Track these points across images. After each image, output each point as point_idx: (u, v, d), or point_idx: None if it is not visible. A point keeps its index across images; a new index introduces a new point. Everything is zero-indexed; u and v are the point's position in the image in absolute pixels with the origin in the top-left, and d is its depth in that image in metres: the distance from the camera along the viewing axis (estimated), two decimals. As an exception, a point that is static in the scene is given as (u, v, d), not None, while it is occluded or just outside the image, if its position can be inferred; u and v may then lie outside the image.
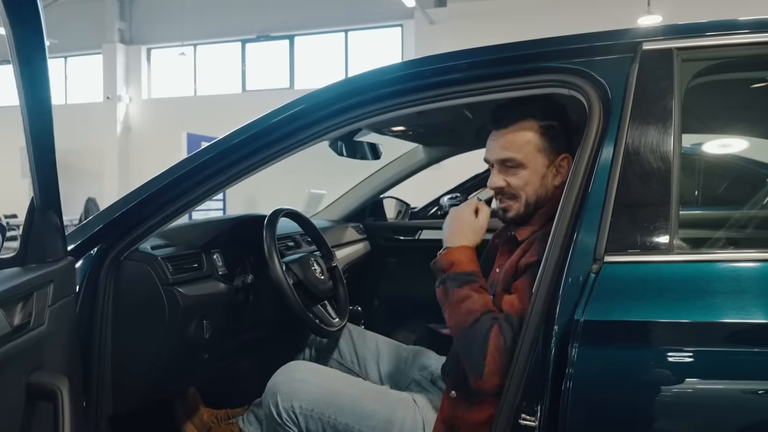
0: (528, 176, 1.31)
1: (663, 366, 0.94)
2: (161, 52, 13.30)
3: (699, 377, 0.95)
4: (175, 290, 1.42)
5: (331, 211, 2.83)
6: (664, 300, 0.97)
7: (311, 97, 1.37)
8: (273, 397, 1.39)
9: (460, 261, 1.27)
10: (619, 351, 0.97)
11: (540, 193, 1.32)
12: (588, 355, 0.96)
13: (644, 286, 0.99)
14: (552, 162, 1.32)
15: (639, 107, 1.10)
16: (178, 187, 1.37)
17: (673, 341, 0.95)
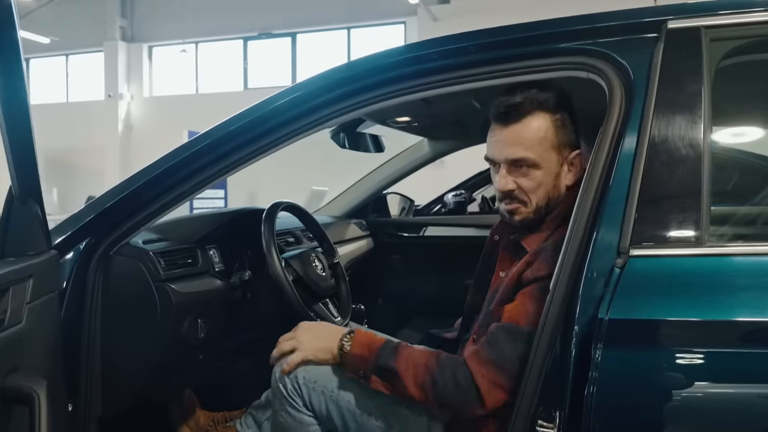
0: (542, 177, 1.19)
1: (696, 368, 0.86)
2: (163, 50, 13.25)
3: (736, 380, 0.87)
4: (167, 287, 1.34)
5: (334, 207, 2.75)
6: (697, 296, 0.89)
7: (311, 82, 1.30)
8: (280, 367, 1.32)
9: (367, 341, 1.20)
10: (649, 352, 0.89)
11: (552, 195, 1.21)
12: (614, 357, 0.88)
13: (675, 282, 0.91)
14: (565, 159, 1.21)
15: (665, 91, 1.02)
16: (171, 178, 1.29)
17: (707, 341, 0.87)
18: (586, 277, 0.95)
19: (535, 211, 1.21)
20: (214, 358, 1.59)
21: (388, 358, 1.16)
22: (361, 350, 1.19)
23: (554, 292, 1.02)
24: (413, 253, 2.78)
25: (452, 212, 4.03)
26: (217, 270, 1.54)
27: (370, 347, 1.18)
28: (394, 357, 1.16)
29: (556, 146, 1.20)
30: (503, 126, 1.22)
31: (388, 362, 1.15)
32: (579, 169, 1.22)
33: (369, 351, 1.18)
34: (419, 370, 1.13)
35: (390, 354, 1.16)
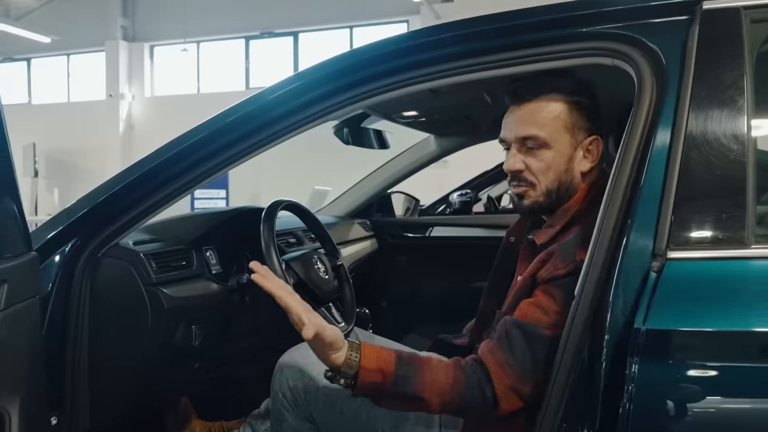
0: (552, 158, 1.11)
1: (750, 385, 0.77)
2: (164, 50, 13.18)
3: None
4: (159, 291, 1.25)
5: (336, 206, 2.67)
6: (748, 303, 0.80)
7: (312, 71, 1.21)
8: (280, 375, 1.26)
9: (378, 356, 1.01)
10: (695, 366, 0.79)
11: (564, 179, 1.13)
12: (653, 371, 0.79)
13: (721, 287, 0.82)
14: (580, 143, 1.14)
15: (702, 79, 0.93)
16: (164, 173, 1.21)
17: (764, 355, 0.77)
18: (617, 282, 0.86)
19: (545, 194, 1.13)
20: (210, 365, 1.50)
21: (406, 385, 1.00)
22: (373, 378, 1.00)
23: (580, 298, 0.93)
24: (419, 254, 2.69)
25: (458, 212, 3.94)
26: (213, 273, 1.46)
27: (384, 375, 1.00)
28: (415, 382, 1.00)
29: (570, 128, 1.13)
30: (518, 105, 1.16)
31: (410, 390, 1.00)
32: (596, 156, 1.14)
33: (382, 378, 1.00)
34: (445, 390, 1.01)
35: (410, 381, 1.00)
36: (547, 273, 1.06)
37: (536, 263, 1.10)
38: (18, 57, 13.84)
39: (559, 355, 0.94)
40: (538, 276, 1.08)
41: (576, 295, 0.94)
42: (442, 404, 1.03)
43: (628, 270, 0.86)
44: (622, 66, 1.04)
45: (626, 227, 0.90)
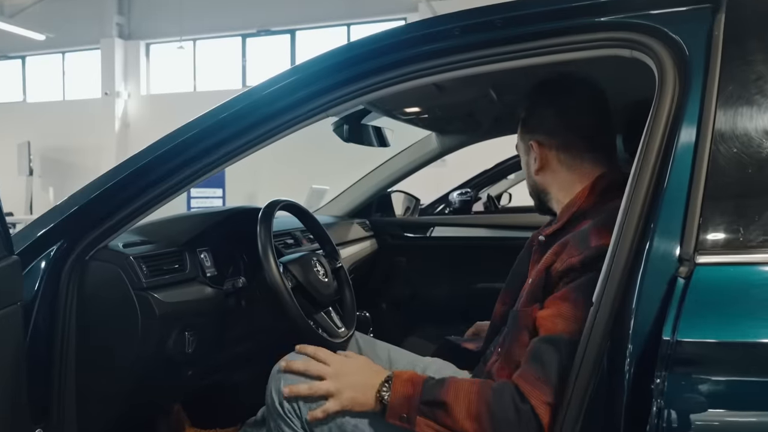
0: (524, 167, 1.29)
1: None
2: (160, 48, 13.09)
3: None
4: (149, 296, 1.19)
5: (335, 206, 2.60)
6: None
7: (310, 65, 1.15)
8: (276, 383, 1.18)
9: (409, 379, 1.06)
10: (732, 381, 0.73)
11: (530, 182, 1.28)
12: (685, 386, 0.73)
13: (757, 294, 0.75)
14: (529, 149, 1.23)
15: (730, 71, 0.86)
16: (157, 170, 1.15)
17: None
18: (640, 288, 0.81)
19: (531, 196, 1.30)
20: (204, 372, 1.44)
21: (434, 391, 1.02)
22: (404, 389, 1.04)
23: (599, 305, 0.87)
24: (420, 254, 2.63)
25: (458, 211, 3.89)
26: (208, 276, 1.39)
27: (414, 384, 1.04)
28: (440, 389, 1.02)
29: (520, 138, 1.27)
30: None
31: (435, 395, 1.02)
32: (540, 156, 1.22)
33: (413, 388, 1.04)
34: (472, 398, 0.99)
35: (436, 387, 1.03)
36: (562, 264, 1.03)
37: (550, 256, 1.08)
38: (12, 55, 13.73)
39: (576, 364, 0.88)
40: (553, 269, 1.06)
41: (594, 301, 0.88)
42: (471, 417, 0.99)
43: (652, 275, 0.80)
44: (641, 58, 0.98)
45: (649, 230, 0.84)
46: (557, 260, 1.05)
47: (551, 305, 1.02)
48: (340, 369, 1.10)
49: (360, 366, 1.13)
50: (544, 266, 1.08)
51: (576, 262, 1.01)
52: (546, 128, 1.21)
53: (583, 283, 0.98)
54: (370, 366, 1.14)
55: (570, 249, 1.04)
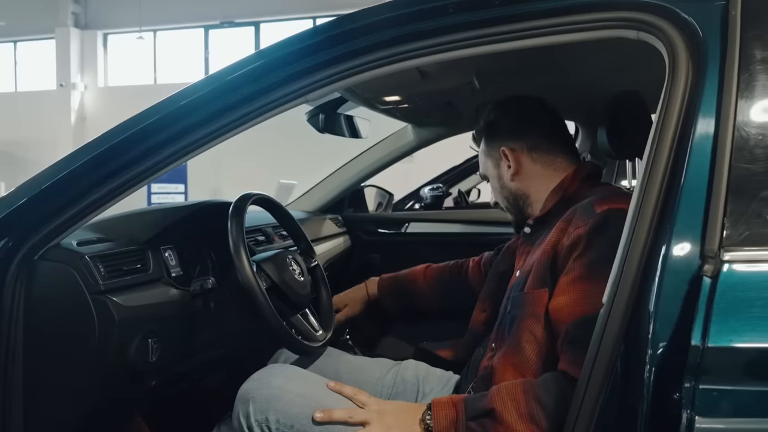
0: (492, 185, 1.30)
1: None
2: (119, 38, 12.72)
3: None
4: (108, 300, 1.07)
5: (306, 201, 2.49)
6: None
7: (277, 48, 1.05)
8: (244, 406, 1.08)
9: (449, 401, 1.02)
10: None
11: (505, 194, 1.27)
12: (722, 397, 0.66)
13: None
14: (499, 160, 1.25)
15: (750, 53, 0.80)
16: (113, 161, 1.03)
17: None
18: (659, 288, 0.74)
19: (508, 211, 1.29)
20: (169, 382, 1.32)
21: (477, 404, 0.98)
22: (447, 412, 1.00)
23: (611, 307, 0.80)
24: (394, 251, 2.54)
25: (429, 207, 3.83)
26: (173, 276, 1.27)
27: (455, 404, 1.01)
28: (483, 399, 0.99)
29: (487, 154, 1.29)
30: None
31: (480, 407, 0.98)
32: (514, 161, 1.23)
33: (455, 408, 1.00)
34: (519, 399, 0.95)
35: (478, 399, 1.00)
36: (569, 237, 1.02)
37: (555, 233, 1.06)
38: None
39: (587, 366, 0.81)
40: (560, 245, 1.03)
41: (606, 302, 0.81)
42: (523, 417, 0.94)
43: (672, 275, 0.74)
44: (648, 40, 0.91)
45: (665, 226, 0.77)
46: (564, 235, 1.03)
47: (568, 290, 0.98)
48: (380, 408, 1.06)
49: (397, 404, 1.11)
50: (551, 244, 1.05)
51: (583, 232, 0.99)
52: (512, 133, 1.24)
53: (594, 256, 0.97)
54: (407, 404, 1.11)
55: (576, 221, 1.03)
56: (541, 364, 1.02)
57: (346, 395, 1.09)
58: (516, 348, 1.04)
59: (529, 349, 1.03)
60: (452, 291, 1.61)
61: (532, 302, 1.04)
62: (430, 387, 1.31)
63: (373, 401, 1.08)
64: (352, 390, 1.10)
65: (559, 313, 0.99)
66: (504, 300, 1.18)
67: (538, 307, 1.02)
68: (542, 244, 1.09)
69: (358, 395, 1.09)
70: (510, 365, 1.05)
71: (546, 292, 1.02)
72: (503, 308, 1.16)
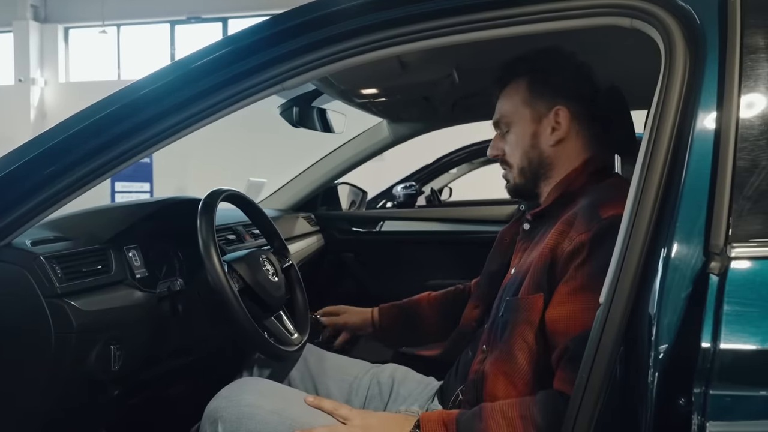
0: (516, 137, 1.12)
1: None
2: (80, 32, 12.34)
3: None
4: (65, 304, 0.99)
5: (277, 199, 2.42)
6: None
7: (247, 34, 0.98)
8: (212, 426, 1.01)
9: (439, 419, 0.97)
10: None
11: (532, 156, 1.11)
12: (737, 402, 0.62)
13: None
14: (543, 116, 1.10)
15: (751, 42, 0.76)
16: (70, 153, 0.96)
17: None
18: (662, 287, 0.70)
19: (519, 174, 1.14)
20: (134, 390, 1.24)
21: (471, 426, 0.93)
22: (437, 429, 0.95)
23: (610, 307, 0.76)
24: (368, 250, 2.49)
25: (402, 206, 3.79)
26: (137, 278, 1.19)
27: (446, 424, 0.95)
28: (478, 422, 0.93)
29: (529, 102, 1.11)
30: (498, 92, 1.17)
31: (474, 429, 0.93)
32: (565, 127, 1.09)
33: (445, 429, 0.95)
34: (516, 424, 0.90)
35: (472, 420, 0.94)
36: (571, 243, 0.95)
37: (554, 235, 0.98)
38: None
39: (585, 370, 0.77)
40: (560, 249, 0.96)
41: (603, 303, 0.77)
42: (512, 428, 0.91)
43: (674, 273, 0.70)
44: (642, 28, 0.87)
45: (666, 222, 0.73)
46: (564, 239, 0.96)
47: (568, 300, 0.92)
48: (365, 423, 1.00)
49: (383, 418, 1.04)
50: (549, 247, 0.98)
51: (587, 238, 0.92)
52: (572, 93, 1.09)
53: (599, 268, 0.89)
54: (391, 416, 1.05)
55: (578, 225, 0.96)
56: (533, 374, 0.96)
57: (326, 410, 1.03)
58: (508, 355, 0.99)
59: (522, 357, 0.97)
60: (456, 314, 1.47)
61: (526, 308, 0.98)
62: (408, 391, 1.26)
63: (355, 414, 1.02)
64: (332, 404, 1.04)
65: (557, 324, 0.93)
66: (497, 299, 1.12)
67: (532, 314, 0.96)
68: (539, 245, 1.02)
69: (339, 410, 1.03)
70: (501, 373, 0.99)
71: (541, 297, 0.96)
72: (495, 309, 1.10)
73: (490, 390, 1.00)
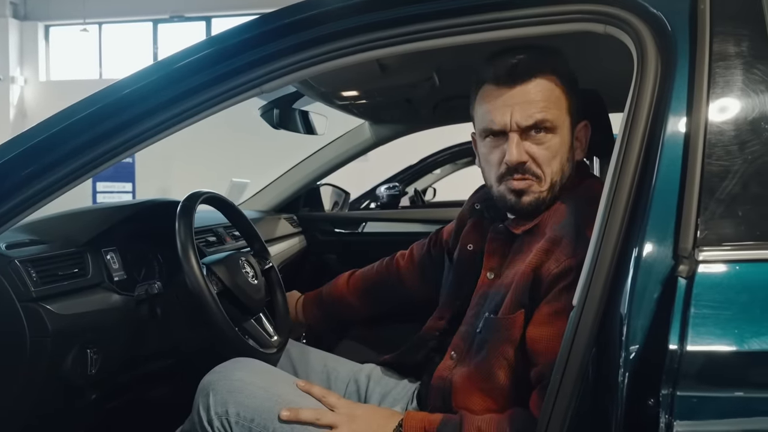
0: (558, 146, 1.00)
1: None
2: (61, 30, 12.19)
3: None
4: (41, 308, 0.98)
5: (259, 200, 2.41)
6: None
7: (231, 35, 0.98)
8: (204, 398, 1.03)
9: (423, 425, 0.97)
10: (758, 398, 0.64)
11: (566, 170, 1.03)
12: (703, 403, 0.63)
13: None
14: (576, 129, 1.05)
15: (721, 49, 0.78)
16: (48, 154, 0.94)
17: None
18: (633, 290, 0.71)
19: (550, 188, 1.02)
20: (113, 394, 1.23)
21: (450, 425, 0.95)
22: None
23: (582, 309, 0.77)
24: (351, 251, 2.48)
25: (386, 206, 3.80)
26: (115, 281, 1.19)
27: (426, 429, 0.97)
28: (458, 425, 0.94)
29: (571, 111, 1.03)
30: (510, 86, 1.01)
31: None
32: (585, 144, 1.07)
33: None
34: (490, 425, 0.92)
35: (453, 428, 0.95)
36: (558, 265, 0.93)
37: (538, 254, 0.96)
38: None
39: (558, 373, 0.78)
40: (545, 269, 0.94)
41: (576, 305, 0.78)
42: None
43: (645, 276, 0.71)
44: (616, 35, 0.88)
45: (636, 226, 0.75)
46: (550, 259, 0.94)
47: (549, 322, 0.92)
48: (350, 412, 1.00)
49: (369, 410, 1.05)
50: (531, 267, 0.96)
51: (574, 264, 0.90)
52: (589, 110, 1.08)
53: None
54: (378, 410, 1.07)
55: (565, 247, 0.94)
56: (513, 388, 0.97)
57: (315, 395, 1.03)
58: (487, 374, 0.99)
59: (503, 376, 0.97)
60: (382, 295, 1.49)
61: (507, 327, 0.97)
62: (385, 390, 1.27)
63: (343, 404, 1.03)
64: (321, 391, 1.05)
65: (537, 344, 0.93)
66: (473, 306, 1.09)
67: (513, 332, 0.96)
68: (521, 263, 0.99)
69: (328, 397, 1.03)
70: (477, 390, 1.00)
71: (522, 314, 0.96)
72: (471, 318, 1.08)
73: (461, 403, 1.01)
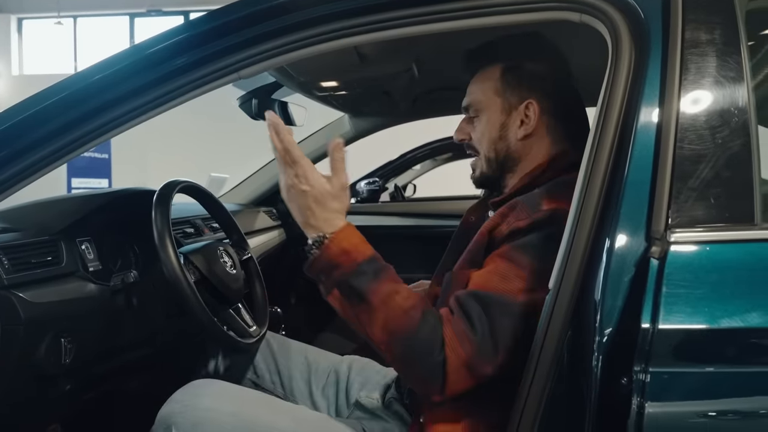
0: (484, 126, 1.09)
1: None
2: (35, 23, 11.94)
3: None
4: (12, 296, 0.96)
5: (238, 193, 2.39)
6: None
7: (208, 19, 0.97)
8: (166, 423, 0.98)
9: (355, 246, 0.89)
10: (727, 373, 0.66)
11: (499, 147, 1.09)
12: (674, 380, 0.65)
13: (744, 273, 0.68)
14: (514, 108, 1.08)
15: (692, 38, 0.79)
16: (15, 141, 0.93)
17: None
18: (606, 271, 0.72)
19: (487, 163, 1.11)
20: (87, 385, 1.21)
21: (364, 282, 0.87)
22: (337, 257, 0.88)
23: (557, 294, 0.78)
24: None
25: (365, 201, 3.79)
26: (90, 270, 1.17)
27: (349, 258, 0.88)
28: (372, 284, 0.87)
29: (501, 92, 1.08)
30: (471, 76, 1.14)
31: (364, 288, 0.87)
32: (533, 122, 1.07)
33: (347, 262, 0.88)
34: (397, 314, 0.86)
35: (368, 278, 0.87)
36: (508, 226, 0.93)
37: (496, 217, 0.98)
38: None
39: (534, 356, 0.79)
40: (497, 231, 0.95)
41: (552, 288, 0.79)
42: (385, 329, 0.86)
43: (619, 258, 0.72)
44: (591, 23, 0.89)
45: (611, 209, 0.76)
46: (503, 222, 0.95)
47: (488, 262, 0.92)
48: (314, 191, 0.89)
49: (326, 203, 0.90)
50: (487, 228, 0.97)
51: (523, 225, 0.91)
52: (545, 87, 1.06)
53: (526, 242, 0.90)
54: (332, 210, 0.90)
55: (518, 212, 0.94)
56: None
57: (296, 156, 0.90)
58: None
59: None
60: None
61: (456, 281, 0.96)
62: (365, 379, 1.28)
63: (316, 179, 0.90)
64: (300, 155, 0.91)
65: (470, 283, 0.92)
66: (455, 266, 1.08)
67: (461, 286, 0.94)
68: (484, 226, 1.00)
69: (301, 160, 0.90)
70: None
71: (473, 271, 0.95)
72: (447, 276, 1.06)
73: None
